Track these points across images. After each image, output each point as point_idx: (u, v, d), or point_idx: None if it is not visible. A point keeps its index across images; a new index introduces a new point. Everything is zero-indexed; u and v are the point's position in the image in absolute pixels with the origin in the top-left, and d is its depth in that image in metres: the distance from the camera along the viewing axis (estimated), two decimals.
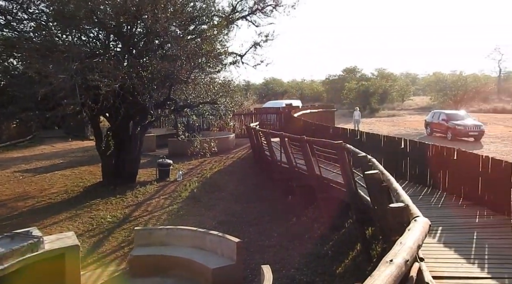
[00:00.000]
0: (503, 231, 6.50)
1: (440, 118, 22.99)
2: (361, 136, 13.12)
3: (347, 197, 8.87)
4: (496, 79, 54.50)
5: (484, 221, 7.07)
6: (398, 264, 2.30)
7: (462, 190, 8.56)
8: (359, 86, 39.32)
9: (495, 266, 5.19)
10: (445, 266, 5.29)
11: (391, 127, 28.30)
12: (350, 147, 8.44)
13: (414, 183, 10.17)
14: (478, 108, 37.19)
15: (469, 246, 5.91)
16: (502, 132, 24.74)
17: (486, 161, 7.86)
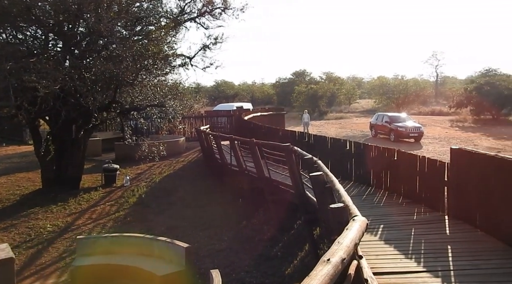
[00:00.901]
0: (438, 226, 6.91)
1: (384, 120, 24.14)
2: (309, 139, 13.44)
3: (295, 198, 9.03)
4: (434, 84, 58.23)
5: (422, 218, 7.48)
6: (335, 263, 2.35)
7: (402, 189, 9.00)
8: (308, 89, 40.32)
9: (430, 260, 5.50)
10: (385, 262, 5.53)
11: (339, 129, 29.27)
12: (298, 149, 8.60)
13: (359, 183, 10.56)
14: (418, 110, 39.45)
15: (407, 242, 6.22)
16: (439, 133, 26.44)
17: (423, 161, 8.34)
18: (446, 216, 7.34)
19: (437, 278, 4.93)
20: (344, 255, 2.57)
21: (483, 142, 22.95)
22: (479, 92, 32.65)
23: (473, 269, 5.13)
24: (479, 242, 6.01)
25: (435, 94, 51.24)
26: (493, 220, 6.18)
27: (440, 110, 39.13)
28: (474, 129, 28.75)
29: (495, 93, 31.73)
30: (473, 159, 6.82)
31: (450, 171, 7.39)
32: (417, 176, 8.48)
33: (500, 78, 36.27)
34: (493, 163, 6.20)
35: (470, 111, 33.76)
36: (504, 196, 5.88)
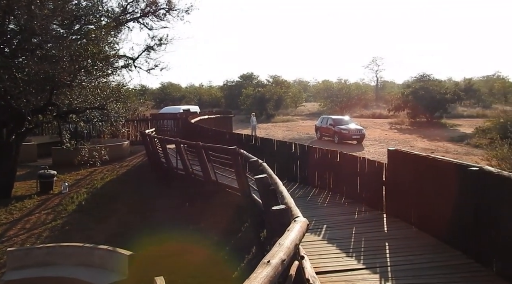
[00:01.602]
0: (377, 225, 7.24)
1: (328, 123, 24.90)
2: (256, 141, 13.53)
3: (242, 201, 9.03)
4: (374, 88, 61.21)
5: (362, 217, 7.80)
6: (275, 264, 2.35)
7: (345, 190, 9.33)
8: (255, 92, 40.64)
9: (370, 257, 5.74)
10: (328, 261, 5.69)
11: (286, 132, 29.76)
12: (244, 152, 8.61)
13: (305, 184, 10.79)
14: (360, 113, 41.17)
15: (348, 240, 6.45)
16: (379, 135, 27.77)
17: (363, 162, 8.70)
18: (385, 214, 7.70)
19: (376, 275, 5.15)
20: (284, 256, 2.58)
21: (418, 143, 24.40)
22: (414, 96, 34.75)
23: (408, 264, 5.42)
24: (413, 239, 6.37)
25: (376, 98, 53.76)
26: (426, 217, 6.58)
27: (380, 113, 41.11)
28: (411, 131, 30.52)
29: (428, 97, 33.95)
30: (408, 159, 7.23)
31: (387, 171, 7.78)
32: (358, 177, 8.83)
33: (433, 83, 38.92)
34: (425, 163, 6.61)
35: (407, 114, 35.81)
36: (435, 194, 6.28)
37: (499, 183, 4.89)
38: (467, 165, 5.72)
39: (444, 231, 6.03)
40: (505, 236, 4.80)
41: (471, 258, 5.33)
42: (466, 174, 5.41)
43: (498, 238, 4.92)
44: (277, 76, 50.26)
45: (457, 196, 5.68)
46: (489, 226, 5.09)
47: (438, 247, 5.88)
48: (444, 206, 6.04)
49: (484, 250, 5.16)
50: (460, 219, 5.60)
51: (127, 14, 13.24)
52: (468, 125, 29.61)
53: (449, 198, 5.91)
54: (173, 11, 13.64)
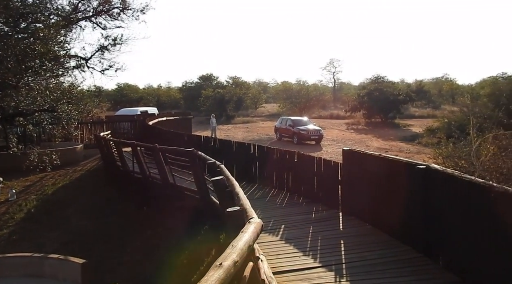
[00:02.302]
0: (333, 223, 7.41)
1: (287, 124, 25.22)
2: (215, 143, 13.44)
3: (200, 204, 8.94)
4: (332, 89, 62.77)
5: (319, 216, 7.94)
6: (227, 266, 2.34)
7: (303, 190, 9.47)
8: (215, 93, 40.46)
9: (326, 255, 5.85)
10: (285, 261, 5.74)
11: (246, 133, 29.82)
12: (201, 154, 8.53)
13: (264, 185, 10.84)
14: (319, 114, 42.07)
15: (306, 240, 6.54)
16: (337, 136, 28.49)
17: (320, 162, 8.87)
18: (341, 213, 7.89)
19: (331, 272, 5.26)
20: (237, 258, 2.57)
21: (374, 143, 25.26)
22: (369, 98, 36.00)
23: (362, 260, 5.58)
24: (367, 236, 6.57)
25: (333, 99, 55.16)
26: (379, 215, 6.81)
27: (338, 114, 42.20)
28: (367, 131, 31.55)
29: (383, 98, 35.28)
30: (362, 159, 7.46)
31: (343, 171, 7.98)
32: (315, 177, 8.99)
33: (387, 84, 40.52)
34: (377, 162, 6.84)
35: (363, 115, 37.02)
36: (387, 192, 6.51)
37: (444, 180, 5.15)
38: (416, 163, 5.98)
39: (396, 228, 6.27)
40: (449, 231, 5.06)
41: (420, 253, 5.57)
42: (414, 172, 5.66)
43: (443, 233, 5.18)
44: (236, 77, 50.32)
45: (407, 193, 5.92)
46: (435, 222, 5.34)
47: (390, 243, 6.10)
48: (395, 203, 6.28)
49: (431, 245, 5.41)
50: (410, 215, 5.84)
51: (78, 12, 12.73)
52: (419, 125, 31.02)
53: (400, 196, 6.15)
54: (127, 11, 13.28)
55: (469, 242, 4.62)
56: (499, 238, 4.14)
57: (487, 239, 4.33)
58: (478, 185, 4.46)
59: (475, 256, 4.50)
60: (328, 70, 64.74)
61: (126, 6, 13.19)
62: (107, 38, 13.22)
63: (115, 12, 13.11)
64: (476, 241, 4.50)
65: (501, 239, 4.11)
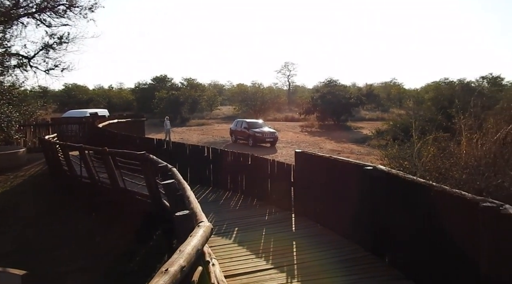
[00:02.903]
0: (286, 224, 7.49)
1: (243, 127, 25.30)
2: (168, 146, 13.17)
3: (152, 208, 8.72)
4: (287, 92, 63.82)
5: (272, 217, 8.00)
6: (173, 272, 2.28)
7: (256, 192, 9.50)
8: (169, 95, 39.74)
9: (278, 256, 5.90)
10: (238, 264, 5.72)
11: (201, 135, 29.55)
12: (153, 157, 8.32)
13: (218, 188, 10.76)
14: (274, 117, 42.62)
15: (259, 242, 6.56)
16: (291, 138, 28.95)
17: (273, 164, 8.95)
18: (293, 214, 8.00)
19: (283, 273, 5.31)
20: (184, 263, 2.52)
21: (327, 145, 25.94)
22: (322, 101, 37.00)
23: (313, 260, 5.68)
24: (319, 236, 6.70)
25: (288, 101, 56.11)
26: (329, 215, 6.98)
27: (292, 117, 42.97)
28: (320, 134, 32.34)
29: (335, 101, 36.40)
30: (313, 160, 7.61)
31: (295, 173, 8.11)
32: (268, 179, 9.06)
33: (339, 88, 41.82)
34: (328, 164, 7.02)
35: (316, 118, 37.94)
36: (337, 193, 6.69)
37: (389, 180, 5.37)
38: (363, 164, 6.19)
39: (346, 228, 6.45)
40: (394, 229, 5.28)
41: (368, 251, 5.77)
42: (362, 173, 5.85)
43: (389, 231, 5.40)
44: (191, 79, 49.73)
45: (355, 194, 6.12)
46: (382, 221, 5.55)
47: (341, 243, 6.27)
48: (345, 204, 6.46)
49: (378, 243, 5.62)
50: (359, 215, 6.04)
51: (20, 8, 11.96)
52: (370, 127, 32.22)
53: (349, 196, 6.34)
54: (74, 8, 12.66)
55: (411, 239, 4.84)
56: (437, 235, 4.37)
57: (427, 236, 4.56)
58: (419, 185, 4.69)
59: (416, 252, 4.73)
60: (283, 73, 65.87)
61: (72, 3, 12.58)
62: (52, 36, 12.55)
63: (61, 9, 12.47)
64: (417, 238, 4.72)
65: (438, 236, 4.34)
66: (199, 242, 3.05)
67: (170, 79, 49.26)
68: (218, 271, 4.42)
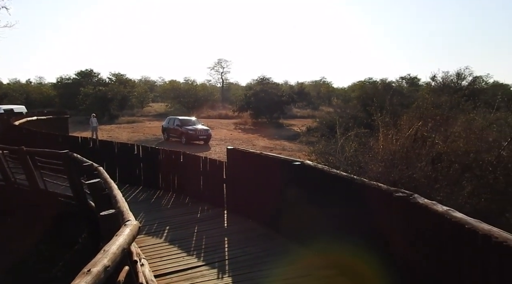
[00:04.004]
0: (218, 221, 7.53)
1: (175, 124, 24.85)
2: (94, 144, 12.53)
3: (77, 210, 8.27)
4: (220, 89, 63.75)
5: (205, 215, 7.99)
6: (96, 272, 2.22)
7: (189, 190, 9.41)
8: (96, 91, 37.64)
9: (210, 253, 5.93)
10: (169, 262, 5.66)
11: (131, 133, 28.47)
12: (77, 156, 7.90)
13: (149, 187, 10.46)
14: (207, 114, 42.33)
15: (190, 240, 6.54)
16: (225, 135, 29.02)
17: (205, 161, 8.93)
18: (226, 210, 8.06)
19: (214, 270, 5.35)
20: (109, 262, 2.45)
21: (260, 142, 26.39)
22: (256, 98, 37.52)
23: (244, 255, 5.80)
24: (250, 231, 6.84)
25: (222, 99, 56.08)
26: (260, 210, 7.14)
27: (226, 114, 43.03)
28: (254, 131, 32.79)
29: (268, 99, 37.10)
30: (245, 157, 7.73)
31: (227, 169, 8.17)
32: (201, 176, 9.02)
33: (272, 86, 42.68)
34: (258, 160, 7.17)
35: (250, 115, 38.40)
36: (267, 188, 6.87)
37: (315, 174, 5.64)
38: (292, 160, 6.42)
39: (276, 221, 6.65)
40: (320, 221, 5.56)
41: (296, 243, 6.00)
42: (290, 168, 6.08)
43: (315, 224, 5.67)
44: (120, 75, 47.55)
45: (285, 188, 6.33)
46: (309, 214, 5.80)
47: (270, 236, 6.46)
48: (274, 198, 6.66)
49: (305, 235, 5.87)
50: (287, 209, 6.25)
51: None
52: (301, 124, 33.33)
53: (278, 191, 6.54)
54: None
55: (335, 229, 5.14)
56: (358, 224, 4.69)
57: (349, 225, 4.87)
58: (342, 178, 5.00)
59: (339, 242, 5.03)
60: (216, 70, 65.65)
61: None
62: None
63: None
64: (340, 228, 5.03)
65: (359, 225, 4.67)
66: (125, 241, 2.98)
67: (97, 74, 46.69)
68: (148, 271, 4.35)
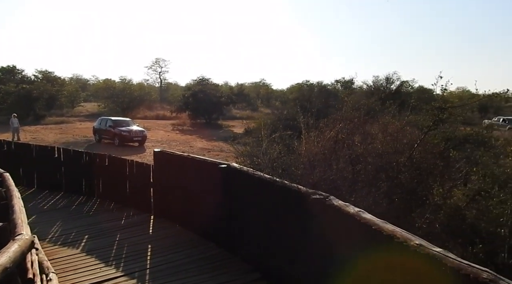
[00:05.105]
0: (144, 227, 7.15)
1: (108, 125, 23.66)
2: (9, 147, 11.44)
3: None
4: (159, 89, 62.03)
5: (130, 221, 7.57)
6: None
7: (115, 195, 8.88)
8: (19, 89, 34.71)
9: (130, 262, 5.58)
10: (84, 275, 5.23)
11: (59, 135, 26.65)
12: None
13: (70, 193, 9.74)
14: (144, 115, 40.88)
15: (111, 249, 6.12)
16: (162, 137, 28.19)
17: (132, 164, 8.48)
18: (152, 216, 7.70)
19: (133, 280, 5.03)
20: None
21: (198, 144, 25.97)
22: (194, 99, 36.92)
23: (167, 263, 5.53)
24: (176, 237, 6.56)
25: (160, 99, 54.56)
26: (188, 214, 6.89)
27: (164, 115, 41.89)
28: (192, 132, 32.23)
29: (207, 100, 36.67)
30: (172, 160, 7.43)
31: (154, 173, 7.81)
32: (127, 180, 8.56)
33: (211, 86, 42.26)
34: (186, 163, 6.92)
35: (188, 116, 37.71)
36: (195, 192, 6.63)
37: (241, 177, 5.53)
38: (219, 162, 6.25)
39: (203, 226, 6.44)
40: (246, 225, 5.46)
41: (223, 248, 5.86)
42: (217, 171, 5.91)
43: (242, 227, 5.56)
44: (48, 72, 44.34)
45: (211, 192, 6.15)
46: (236, 218, 5.68)
47: (197, 242, 6.23)
48: (202, 202, 6.45)
49: (233, 240, 5.74)
50: (215, 213, 6.07)
51: None
52: (240, 126, 33.35)
53: (205, 195, 6.35)
54: None
55: (258, 234, 5.07)
56: (281, 227, 4.64)
57: (272, 229, 4.81)
58: (265, 180, 4.92)
59: (263, 245, 4.96)
60: (154, 70, 63.78)
61: None
62: None
63: None
64: (264, 231, 4.96)
65: (282, 228, 4.62)
66: (9, 260, 2.63)
67: (21, 70, 43.12)
68: None
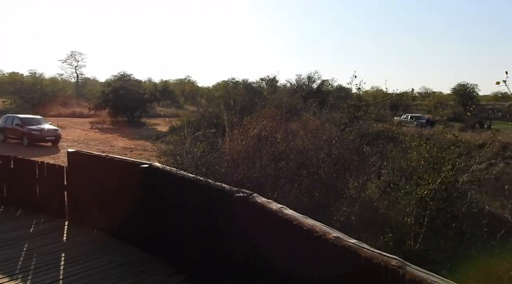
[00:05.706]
0: (56, 235, 6.57)
1: (15, 123, 21.68)
2: None
3: None
4: (75, 84, 57.94)
5: (40, 228, 6.91)
6: None
7: (22, 200, 8.06)
8: None
9: (41, 274, 5.09)
10: None
11: None
12: None
13: None
14: (58, 112, 37.90)
15: (16, 261, 5.52)
16: (79, 136, 26.41)
17: (42, 166, 7.75)
18: (67, 222, 7.13)
19: None
20: None
21: (119, 143, 24.76)
22: (115, 96, 35.08)
23: (84, 271, 5.14)
24: (94, 242, 6.14)
25: (77, 95, 51.00)
26: (107, 218, 6.49)
27: (81, 112, 39.30)
28: (112, 131, 30.64)
29: (128, 96, 35.05)
30: (89, 161, 6.94)
31: (69, 175, 7.23)
32: (37, 184, 7.82)
33: (133, 83, 40.49)
34: (104, 163, 6.50)
35: (108, 114, 35.77)
36: (113, 194, 6.27)
37: (163, 177, 5.33)
38: (140, 162, 5.97)
39: (124, 229, 6.12)
40: (168, 226, 5.28)
41: (145, 252, 5.61)
42: (138, 171, 5.63)
43: (164, 229, 5.37)
44: None
45: (132, 193, 5.85)
46: (158, 220, 5.47)
47: (117, 247, 5.90)
48: (122, 204, 6.11)
49: (154, 243, 5.52)
50: (136, 215, 5.80)
51: None
52: (165, 124, 32.43)
53: (126, 196, 6.03)
54: None
55: (181, 234, 4.93)
56: (205, 228, 4.56)
57: (197, 228, 4.71)
58: (188, 180, 4.80)
59: (186, 246, 4.84)
60: (69, 64, 59.39)
61: None
62: None
63: None
64: (186, 232, 4.84)
65: (206, 228, 4.55)
66: None
67: None
68: None
